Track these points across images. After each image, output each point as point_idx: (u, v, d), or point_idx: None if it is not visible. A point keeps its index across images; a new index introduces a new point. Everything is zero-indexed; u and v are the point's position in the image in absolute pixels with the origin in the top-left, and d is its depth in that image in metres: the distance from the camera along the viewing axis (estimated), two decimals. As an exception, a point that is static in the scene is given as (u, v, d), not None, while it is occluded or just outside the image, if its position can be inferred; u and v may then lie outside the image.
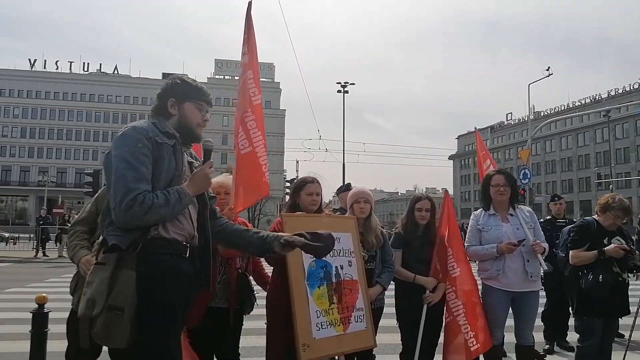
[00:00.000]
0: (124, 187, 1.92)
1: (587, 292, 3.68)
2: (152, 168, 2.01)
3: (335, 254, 3.17)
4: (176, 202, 2.01)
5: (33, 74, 68.76)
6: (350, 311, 3.15)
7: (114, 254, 1.96)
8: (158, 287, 1.96)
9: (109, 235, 1.98)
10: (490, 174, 3.97)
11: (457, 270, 3.73)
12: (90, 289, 1.96)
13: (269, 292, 3.31)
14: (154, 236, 2.00)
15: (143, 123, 2.13)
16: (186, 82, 2.24)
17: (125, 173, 1.94)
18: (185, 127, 2.20)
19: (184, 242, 2.11)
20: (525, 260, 3.66)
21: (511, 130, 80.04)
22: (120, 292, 1.90)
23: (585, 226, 3.89)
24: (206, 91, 2.28)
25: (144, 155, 1.99)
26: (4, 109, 67.01)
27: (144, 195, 1.92)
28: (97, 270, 1.99)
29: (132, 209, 1.89)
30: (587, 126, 65.15)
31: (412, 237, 3.82)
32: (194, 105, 2.22)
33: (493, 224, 3.78)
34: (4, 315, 7.31)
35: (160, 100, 2.23)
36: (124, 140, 2.02)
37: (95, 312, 1.90)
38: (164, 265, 2.00)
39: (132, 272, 1.93)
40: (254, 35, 3.63)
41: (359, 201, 3.62)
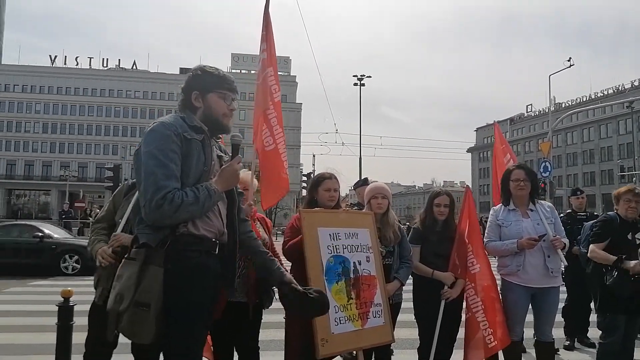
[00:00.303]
0: (153, 184, 1.90)
1: (612, 288, 3.62)
2: (181, 164, 1.99)
3: (354, 250, 3.18)
4: (206, 200, 1.98)
5: (54, 70, 69.97)
6: (368, 306, 3.16)
7: (143, 250, 1.97)
8: (185, 284, 1.96)
9: (140, 233, 2.00)
10: (510, 169, 3.93)
11: (477, 267, 3.71)
12: (120, 283, 1.97)
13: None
14: (183, 233, 1.98)
15: (171, 118, 2.09)
16: (207, 72, 2.19)
17: (155, 170, 1.92)
18: (212, 118, 2.16)
19: (213, 239, 2.09)
20: (545, 256, 3.62)
21: (531, 122, 78.70)
22: (147, 288, 1.91)
23: (608, 221, 3.84)
24: (229, 78, 2.22)
25: (173, 151, 1.97)
26: (26, 104, 68.40)
27: (173, 193, 1.90)
28: (127, 265, 2.00)
29: (161, 208, 1.88)
30: (610, 117, 63.66)
31: (431, 233, 3.81)
32: (218, 95, 2.17)
33: (513, 219, 3.74)
34: (30, 307, 7.52)
35: (185, 94, 2.19)
36: (153, 137, 2.00)
37: (122, 306, 1.91)
38: (192, 263, 1.99)
39: (159, 268, 1.93)
40: (272, 32, 3.64)
41: (377, 197, 3.61)
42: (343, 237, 3.16)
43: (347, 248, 3.15)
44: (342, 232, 3.16)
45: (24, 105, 68.33)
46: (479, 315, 3.65)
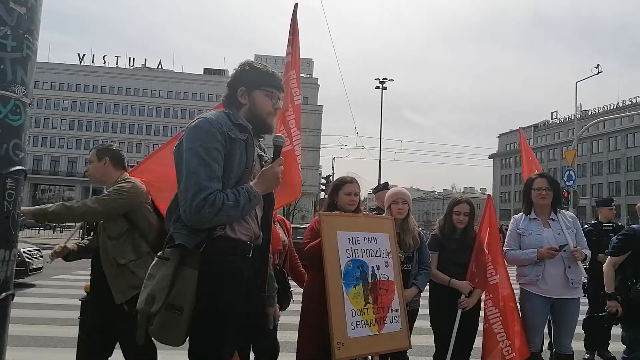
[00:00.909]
0: (196, 185, 1.83)
1: (636, 301, 3.55)
2: (224, 164, 1.92)
3: (372, 254, 3.19)
4: (246, 203, 1.92)
5: (81, 68, 71.70)
6: (385, 312, 3.17)
7: (178, 250, 1.90)
8: (220, 288, 1.90)
9: (176, 233, 1.91)
10: (532, 177, 3.89)
11: (496, 278, 3.68)
12: (152, 283, 1.90)
13: (305, 289, 3.36)
14: (220, 235, 1.91)
15: (217, 115, 2.01)
16: (255, 68, 2.10)
17: (198, 170, 1.85)
18: (257, 116, 2.08)
19: (248, 242, 2.03)
20: (566, 266, 3.57)
21: (556, 130, 77.23)
22: (181, 290, 1.85)
23: (630, 234, 3.76)
24: (277, 76, 2.15)
25: (217, 150, 1.89)
26: (54, 101, 70.20)
27: (215, 195, 1.84)
28: (161, 265, 1.93)
29: (202, 210, 1.81)
30: (637, 126, 62.03)
31: (449, 240, 3.79)
32: (264, 93, 2.09)
33: (534, 228, 3.71)
34: (53, 301, 7.73)
35: (230, 89, 2.11)
36: (198, 133, 1.92)
37: (154, 308, 1.85)
38: (227, 267, 1.93)
39: (194, 271, 1.86)
40: (299, 36, 3.69)
41: (397, 202, 3.62)
42: (362, 241, 3.17)
43: (366, 252, 3.16)
44: (362, 236, 3.18)
45: (52, 102, 70.12)
46: (497, 326, 3.62)
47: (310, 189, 63.45)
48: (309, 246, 3.20)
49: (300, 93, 3.82)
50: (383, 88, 34.48)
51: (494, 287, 3.69)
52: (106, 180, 3.13)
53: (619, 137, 66.44)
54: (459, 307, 3.62)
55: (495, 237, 3.84)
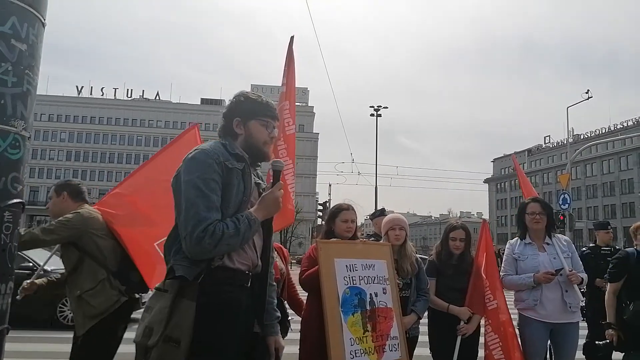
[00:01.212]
0: (195, 216, 1.83)
1: (630, 322, 3.53)
2: (222, 193, 1.92)
3: (370, 281, 3.18)
4: (246, 230, 1.91)
5: (79, 100, 72.49)
6: (384, 339, 3.13)
7: (177, 281, 1.88)
8: (217, 319, 1.87)
9: (177, 265, 1.89)
10: (525, 202, 3.92)
11: (494, 303, 3.66)
12: (149, 315, 1.89)
13: (303, 317, 3.34)
14: (218, 266, 1.90)
15: (213, 145, 2.02)
16: (250, 99, 2.13)
17: (197, 201, 1.85)
18: (253, 146, 2.10)
19: (246, 272, 2.01)
20: (563, 290, 3.57)
21: (549, 154, 77.93)
22: (178, 322, 1.83)
23: (624, 257, 3.77)
24: (272, 106, 2.17)
25: (215, 181, 1.90)
26: (51, 133, 70.58)
27: (214, 225, 1.83)
28: (159, 296, 1.92)
29: (203, 241, 1.81)
30: (630, 149, 62.71)
31: (446, 266, 3.79)
32: (260, 123, 2.11)
33: (529, 253, 3.71)
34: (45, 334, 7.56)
35: (226, 120, 2.13)
36: (195, 165, 1.92)
37: (151, 341, 1.82)
38: (225, 298, 1.91)
39: (192, 302, 1.84)
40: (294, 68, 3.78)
41: (394, 228, 3.63)
42: (360, 268, 3.16)
43: (364, 279, 3.15)
44: (359, 263, 3.17)
45: (49, 134, 70.52)
46: (497, 352, 3.59)
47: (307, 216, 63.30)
48: (307, 274, 3.19)
49: (293, 123, 3.87)
50: (378, 115, 34.89)
51: (493, 312, 3.67)
52: (65, 213, 3.20)
53: (612, 160, 67.03)
54: (458, 333, 3.59)
55: (492, 261, 3.84)
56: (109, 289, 3.06)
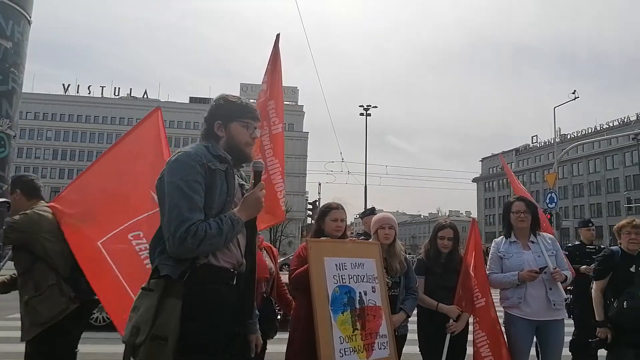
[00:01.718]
0: (178, 217, 1.87)
1: (613, 319, 3.60)
2: (205, 195, 1.96)
3: (359, 280, 3.20)
4: (229, 230, 1.95)
5: (66, 98, 71.63)
6: (373, 337, 3.15)
7: (162, 280, 1.91)
8: (203, 317, 1.91)
9: (161, 265, 1.94)
10: (510, 201, 3.97)
11: (482, 301, 3.70)
12: (136, 315, 1.92)
13: (293, 316, 3.34)
14: (203, 264, 1.95)
15: (196, 148, 2.07)
16: (230, 102, 2.19)
17: (180, 203, 1.89)
18: (234, 147, 2.15)
19: (232, 269, 2.06)
20: (547, 288, 3.61)
21: (537, 153, 78.77)
22: (165, 321, 1.85)
23: (608, 255, 3.86)
24: (252, 108, 2.22)
25: (197, 182, 1.94)
26: (37, 131, 69.66)
27: (197, 225, 1.87)
28: (145, 296, 1.94)
29: (185, 241, 1.85)
30: (616, 149, 63.64)
31: (435, 264, 3.82)
32: (241, 124, 2.16)
33: (514, 251, 3.75)
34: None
35: (207, 124, 2.18)
36: (178, 167, 1.97)
37: (139, 340, 1.85)
38: (211, 296, 1.95)
39: (178, 300, 1.88)
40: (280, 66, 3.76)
41: (384, 227, 3.64)
42: (349, 267, 3.17)
43: (353, 278, 3.16)
44: (348, 262, 3.18)
45: (35, 132, 69.62)
46: (484, 350, 3.62)
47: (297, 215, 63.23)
48: (296, 273, 3.19)
49: (280, 122, 3.83)
50: (367, 114, 34.95)
51: (481, 310, 3.71)
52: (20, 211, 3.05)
53: (598, 159, 67.95)
54: (448, 331, 3.62)
55: (481, 260, 3.88)
56: (57, 295, 2.92)
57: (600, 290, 3.80)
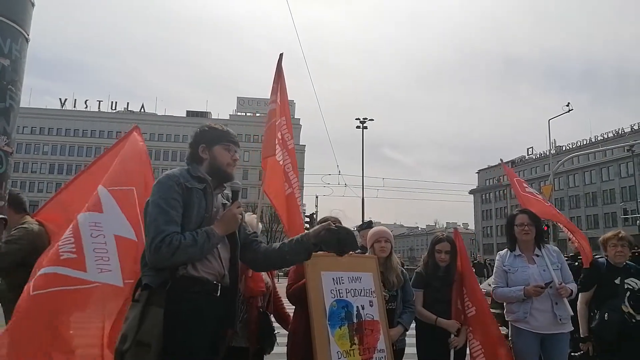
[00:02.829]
0: (154, 229, 2.07)
1: (595, 331, 3.59)
2: (183, 211, 2.16)
3: (357, 294, 3.19)
4: (204, 242, 2.12)
5: (63, 113, 71.66)
6: (371, 352, 3.13)
7: (145, 291, 2.09)
8: (184, 324, 2.05)
9: (144, 275, 2.14)
10: (514, 214, 3.94)
11: (472, 310, 3.68)
12: (125, 324, 2.09)
13: (290, 331, 3.31)
14: (182, 275, 2.10)
15: (177, 171, 2.29)
16: (213, 128, 2.45)
17: (157, 217, 2.10)
18: (216, 167, 2.36)
19: (214, 281, 2.21)
20: (553, 303, 3.58)
21: (532, 165, 79.05)
22: (148, 328, 2.01)
23: (593, 268, 3.85)
24: (232, 133, 2.46)
25: (175, 199, 2.15)
26: (34, 146, 69.56)
27: (171, 236, 2.05)
28: (133, 307, 2.12)
29: (160, 250, 2.02)
30: (611, 160, 63.97)
31: (433, 278, 3.81)
32: (223, 147, 2.39)
33: (519, 265, 3.73)
34: None
35: (192, 148, 2.41)
36: (158, 188, 2.20)
37: (125, 346, 2.01)
38: (191, 304, 2.09)
39: (160, 309, 2.04)
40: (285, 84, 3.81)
41: (380, 240, 3.64)
42: (346, 281, 3.17)
43: (350, 292, 3.16)
44: (345, 276, 3.18)
45: (32, 147, 69.49)
46: (479, 358, 3.60)
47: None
48: (294, 287, 3.18)
49: (292, 137, 3.92)
50: (364, 127, 35.10)
51: (472, 319, 3.68)
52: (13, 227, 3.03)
53: (593, 171, 68.25)
54: (451, 347, 3.60)
55: (469, 269, 3.86)
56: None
57: (585, 303, 3.78)
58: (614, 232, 3.88)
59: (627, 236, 3.83)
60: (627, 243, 3.78)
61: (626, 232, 4.02)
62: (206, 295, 2.15)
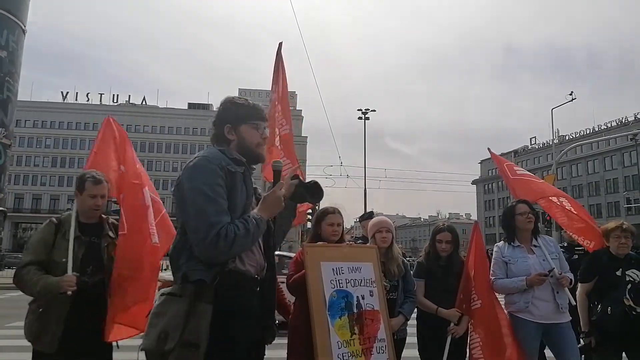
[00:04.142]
0: (206, 222, 1.86)
1: (597, 324, 3.58)
2: (228, 197, 1.96)
3: (357, 284, 3.19)
4: (255, 230, 1.95)
5: (64, 106, 71.55)
6: (371, 342, 3.14)
7: (192, 286, 1.89)
8: (232, 323, 1.90)
9: (191, 271, 1.91)
10: (512, 204, 3.93)
11: (478, 303, 3.68)
12: (163, 320, 1.88)
13: (291, 322, 3.33)
14: (231, 269, 1.94)
15: (212, 152, 2.07)
16: (237, 104, 2.17)
17: (206, 207, 1.88)
18: (246, 149, 2.14)
19: (255, 275, 2.05)
20: (554, 292, 3.59)
21: (535, 155, 78.79)
22: (196, 327, 1.83)
23: (594, 259, 3.82)
24: (259, 108, 2.21)
25: (220, 185, 1.94)
26: (36, 139, 69.58)
27: (226, 228, 1.86)
28: (170, 301, 1.92)
29: (217, 244, 1.83)
30: (614, 149, 63.69)
31: (435, 267, 3.82)
32: (250, 126, 2.15)
33: (519, 255, 3.73)
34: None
35: (217, 128, 2.17)
36: (199, 172, 1.95)
37: (168, 346, 1.82)
38: (240, 301, 1.95)
39: (209, 305, 1.86)
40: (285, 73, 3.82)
41: (381, 230, 3.65)
42: (346, 271, 3.17)
43: (350, 282, 3.16)
44: (345, 266, 3.18)
45: (34, 140, 69.51)
46: (476, 351, 3.62)
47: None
48: (294, 278, 3.19)
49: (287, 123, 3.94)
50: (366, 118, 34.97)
51: (475, 312, 3.68)
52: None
53: (597, 160, 67.99)
54: (448, 334, 3.61)
55: (483, 263, 3.83)
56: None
57: (585, 294, 3.77)
58: (617, 223, 3.79)
59: (630, 227, 3.78)
60: (630, 234, 3.75)
61: (629, 221, 3.97)
62: (250, 292, 2.00)
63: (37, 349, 2.80)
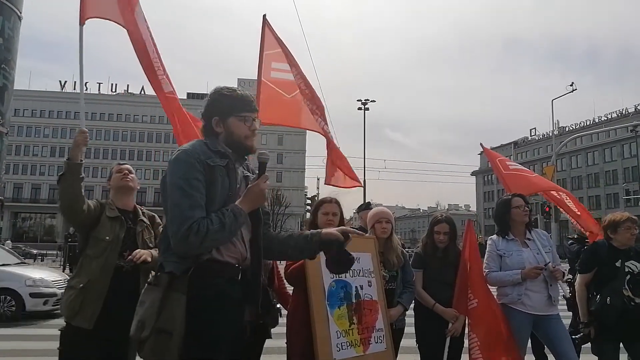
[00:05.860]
0: (179, 216, 1.89)
1: (596, 314, 3.60)
2: (206, 191, 1.96)
3: (355, 274, 3.20)
4: (232, 223, 1.94)
5: (63, 95, 71.20)
6: (370, 332, 3.16)
7: (166, 275, 1.94)
8: (208, 312, 1.92)
9: (166, 262, 1.97)
10: (508, 198, 3.93)
11: (474, 302, 3.69)
12: (142, 309, 1.95)
13: (290, 311, 3.33)
14: (207, 259, 1.95)
15: (195, 145, 2.07)
16: (225, 96, 2.14)
17: (180, 201, 1.91)
18: (235, 142, 2.13)
19: (236, 265, 2.05)
20: (548, 285, 3.63)
21: (535, 146, 78.78)
22: (169, 315, 1.87)
23: (594, 250, 3.82)
24: (248, 99, 2.16)
25: (197, 179, 1.95)
26: (35, 128, 69.42)
27: (198, 223, 1.87)
28: (150, 291, 1.97)
29: (188, 239, 1.85)
30: (614, 141, 63.65)
31: (432, 258, 3.82)
32: (238, 119, 2.12)
33: (514, 249, 3.75)
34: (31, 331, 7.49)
35: (205, 120, 2.16)
36: (177, 166, 1.98)
37: (144, 334, 1.87)
38: (215, 290, 1.95)
39: (182, 295, 1.89)
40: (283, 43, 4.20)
41: (381, 221, 3.64)
42: (345, 261, 3.17)
43: (349, 272, 3.17)
44: (344, 256, 3.18)
45: (33, 130, 69.36)
46: (474, 351, 3.63)
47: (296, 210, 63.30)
48: (292, 268, 3.19)
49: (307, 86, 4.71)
50: (365, 109, 34.89)
51: (472, 311, 3.70)
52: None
53: (596, 152, 67.98)
54: (447, 335, 3.62)
55: (478, 262, 3.83)
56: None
57: (585, 284, 3.78)
58: (625, 215, 3.74)
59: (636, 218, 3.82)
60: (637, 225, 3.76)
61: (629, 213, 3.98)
62: (228, 281, 2.00)
63: (75, 324, 2.82)
